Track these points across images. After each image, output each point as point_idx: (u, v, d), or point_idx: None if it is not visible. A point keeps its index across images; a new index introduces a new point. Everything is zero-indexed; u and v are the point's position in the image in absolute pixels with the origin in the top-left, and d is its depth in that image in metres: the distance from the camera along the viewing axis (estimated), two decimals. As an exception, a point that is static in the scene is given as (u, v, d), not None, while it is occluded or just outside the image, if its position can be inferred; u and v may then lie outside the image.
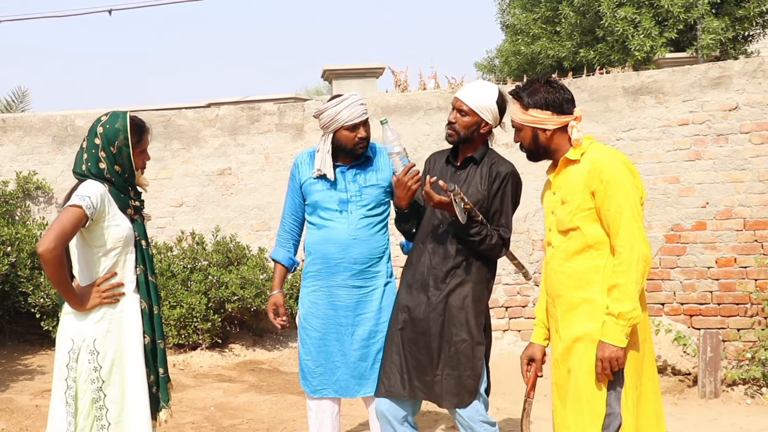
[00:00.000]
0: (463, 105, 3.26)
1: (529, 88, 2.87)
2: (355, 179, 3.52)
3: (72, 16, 26.87)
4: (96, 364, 2.89)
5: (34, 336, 7.30)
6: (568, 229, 2.82)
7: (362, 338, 3.48)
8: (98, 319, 2.91)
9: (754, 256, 6.44)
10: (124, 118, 2.98)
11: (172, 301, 6.64)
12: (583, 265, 2.79)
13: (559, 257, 2.86)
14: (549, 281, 2.93)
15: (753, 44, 14.21)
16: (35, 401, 5.68)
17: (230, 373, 6.59)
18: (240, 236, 7.33)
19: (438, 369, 3.23)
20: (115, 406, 2.90)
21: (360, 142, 3.45)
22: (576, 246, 2.81)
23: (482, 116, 3.26)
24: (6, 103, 17.45)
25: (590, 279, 2.78)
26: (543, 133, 2.86)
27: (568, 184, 2.83)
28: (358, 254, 3.47)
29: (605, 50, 13.37)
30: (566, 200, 2.83)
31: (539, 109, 2.84)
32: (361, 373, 3.48)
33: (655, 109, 6.74)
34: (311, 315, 3.54)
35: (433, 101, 7.30)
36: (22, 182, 7.55)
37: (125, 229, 2.95)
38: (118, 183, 2.96)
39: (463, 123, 3.26)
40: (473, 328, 3.24)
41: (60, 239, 2.76)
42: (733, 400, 5.54)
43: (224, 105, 8.66)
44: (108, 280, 2.93)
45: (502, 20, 16.70)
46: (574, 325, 2.80)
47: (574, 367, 2.79)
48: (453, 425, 5.08)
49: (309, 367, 3.53)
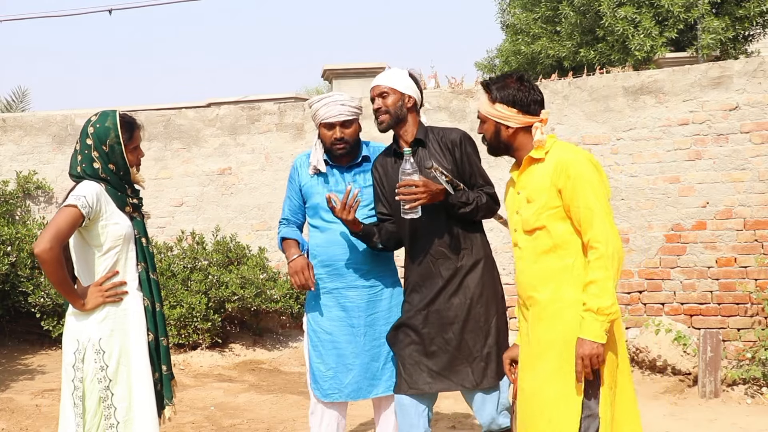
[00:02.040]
0: (381, 88, 3.32)
1: (500, 82, 2.83)
2: (355, 179, 3.51)
3: (72, 15, 26.82)
4: (102, 363, 2.89)
5: (34, 336, 7.30)
6: (534, 228, 2.77)
7: (374, 338, 3.46)
8: (102, 319, 2.92)
9: (754, 256, 6.44)
10: (114, 117, 2.98)
11: (173, 301, 6.64)
12: (553, 266, 2.74)
13: (526, 258, 2.81)
14: (518, 282, 2.88)
15: (753, 44, 14.21)
16: (35, 401, 5.68)
17: (230, 372, 6.60)
18: (240, 236, 7.33)
19: (479, 350, 3.25)
20: (122, 404, 2.91)
21: (336, 143, 3.43)
22: (543, 246, 2.75)
23: (402, 90, 3.32)
24: (6, 103, 17.46)
25: (560, 279, 2.72)
26: (506, 130, 2.83)
27: (533, 182, 2.78)
28: (363, 254, 3.46)
29: (605, 50, 13.37)
30: (531, 199, 2.78)
31: (506, 105, 2.80)
32: (374, 374, 3.47)
33: (656, 109, 6.74)
34: (321, 318, 3.51)
35: (433, 101, 7.30)
36: (22, 182, 7.55)
37: (124, 227, 2.95)
38: (114, 181, 2.96)
39: (388, 103, 3.31)
40: (499, 302, 3.35)
41: (56, 239, 2.76)
42: (734, 400, 5.54)
43: (224, 105, 8.66)
44: (110, 279, 2.93)
45: (503, 20, 16.71)
46: (548, 328, 2.74)
47: (547, 370, 2.72)
48: (453, 425, 5.08)
49: (320, 371, 3.50)
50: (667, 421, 5.09)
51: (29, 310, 6.86)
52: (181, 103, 12.37)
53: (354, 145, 3.49)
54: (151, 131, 7.68)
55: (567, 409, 2.67)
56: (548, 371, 2.71)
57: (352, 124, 3.46)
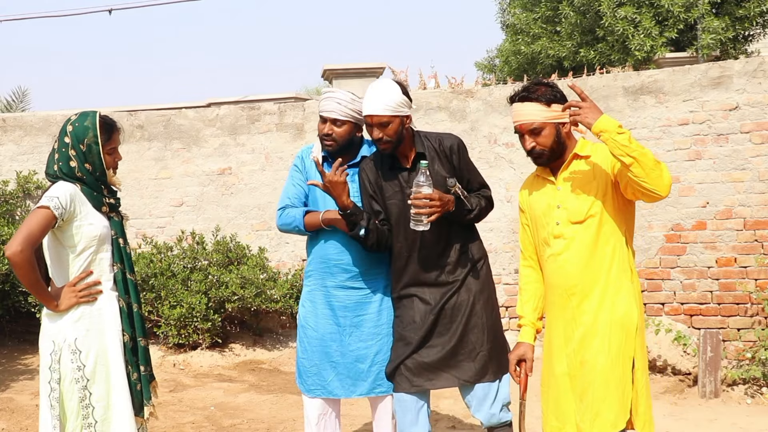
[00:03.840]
0: (381, 118, 3.21)
1: (538, 89, 2.91)
2: (353, 179, 3.49)
3: (72, 15, 26.79)
4: (79, 363, 2.88)
5: (34, 335, 7.23)
6: (586, 217, 2.87)
7: (360, 339, 3.47)
8: (77, 319, 2.91)
9: (754, 256, 6.44)
10: (94, 117, 2.98)
11: (173, 301, 6.64)
12: (602, 252, 2.87)
13: (575, 248, 2.89)
14: (560, 273, 2.94)
15: (753, 44, 14.22)
16: (36, 401, 5.67)
17: (230, 372, 6.60)
18: (240, 236, 7.33)
19: (481, 345, 3.33)
20: (100, 404, 2.91)
21: (324, 137, 3.44)
22: (593, 234, 2.87)
23: (401, 114, 3.26)
24: (6, 103, 17.46)
25: (609, 265, 2.86)
26: (563, 127, 2.91)
27: (580, 175, 2.90)
28: (355, 257, 3.46)
29: (605, 50, 13.38)
30: (581, 191, 2.89)
31: (558, 104, 2.89)
32: (358, 375, 3.47)
33: (656, 109, 6.74)
34: (310, 314, 3.54)
35: (433, 101, 7.30)
36: (22, 182, 7.55)
37: (99, 228, 2.94)
38: (90, 181, 2.95)
39: (390, 131, 3.23)
40: (496, 300, 3.46)
41: (27, 242, 2.75)
42: (734, 400, 5.54)
43: (224, 104, 8.66)
44: (84, 279, 2.92)
45: (503, 20, 16.71)
46: (598, 312, 2.86)
47: (599, 352, 2.85)
48: (453, 425, 5.08)
49: (305, 366, 3.54)
50: (667, 421, 5.09)
51: (29, 310, 6.86)
52: (181, 103, 12.38)
53: (345, 145, 3.45)
54: (151, 131, 7.69)
55: (620, 389, 2.82)
56: (604, 353, 2.85)
57: (344, 125, 3.42)
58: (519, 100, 2.92)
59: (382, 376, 3.45)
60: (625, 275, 2.89)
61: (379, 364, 3.45)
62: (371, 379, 3.47)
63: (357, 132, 3.49)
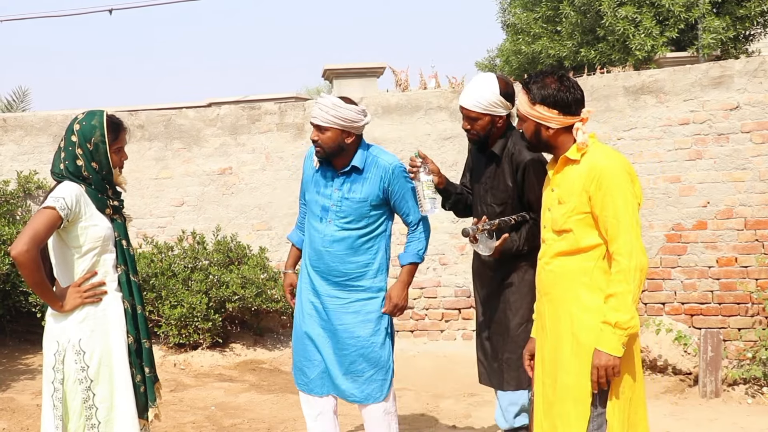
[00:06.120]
0: (470, 112, 3.28)
1: (540, 82, 2.75)
2: (341, 188, 3.47)
3: (72, 15, 26.84)
4: (83, 363, 2.88)
5: (35, 335, 7.29)
6: (561, 230, 2.75)
7: (338, 347, 3.49)
8: (81, 319, 2.90)
9: (754, 256, 6.43)
10: (101, 116, 2.98)
11: (173, 301, 6.64)
12: (572, 266, 2.73)
13: (549, 254, 2.81)
14: (539, 277, 2.89)
15: (754, 43, 14.20)
16: (36, 400, 5.67)
17: (231, 372, 6.60)
18: (241, 236, 7.33)
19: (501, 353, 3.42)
20: (104, 405, 2.90)
21: (313, 143, 3.48)
22: (566, 247, 2.74)
23: (492, 113, 3.26)
24: (7, 103, 17.46)
25: (578, 280, 2.71)
26: (546, 131, 2.77)
27: (566, 184, 2.75)
28: (332, 267, 3.46)
29: (606, 50, 13.36)
30: (563, 200, 2.75)
31: (546, 107, 2.73)
32: (334, 378, 3.50)
33: (656, 109, 6.73)
34: (299, 311, 3.62)
35: (433, 101, 7.30)
36: (23, 182, 7.55)
37: (104, 229, 2.93)
38: (96, 181, 2.94)
39: (478, 126, 3.31)
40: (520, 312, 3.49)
41: (33, 241, 2.74)
42: (734, 400, 5.54)
43: (225, 104, 8.66)
44: (88, 279, 2.92)
45: (503, 19, 16.70)
46: (562, 326, 2.76)
47: (560, 366, 2.75)
48: (453, 425, 5.08)
49: (294, 361, 3.65)
50: (667, 420, 5.08)
51: (30, 309, 6.86)
52: (181, 103, 12.36)
53: (334, 151, 3.43)
54: (152, 131, 7.69)
55: (577, 406, 2.69)
56: (564, 369, 2.73)
57: (327, 131, 3.41)
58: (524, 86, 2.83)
59: (359, 384, 3.45)
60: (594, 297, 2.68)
61: (353, 373, 3.46)
62: (346, 386, 3.49)
63: (347, 138, 3.43)
